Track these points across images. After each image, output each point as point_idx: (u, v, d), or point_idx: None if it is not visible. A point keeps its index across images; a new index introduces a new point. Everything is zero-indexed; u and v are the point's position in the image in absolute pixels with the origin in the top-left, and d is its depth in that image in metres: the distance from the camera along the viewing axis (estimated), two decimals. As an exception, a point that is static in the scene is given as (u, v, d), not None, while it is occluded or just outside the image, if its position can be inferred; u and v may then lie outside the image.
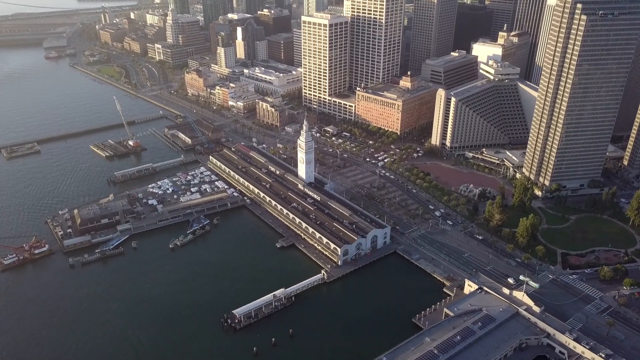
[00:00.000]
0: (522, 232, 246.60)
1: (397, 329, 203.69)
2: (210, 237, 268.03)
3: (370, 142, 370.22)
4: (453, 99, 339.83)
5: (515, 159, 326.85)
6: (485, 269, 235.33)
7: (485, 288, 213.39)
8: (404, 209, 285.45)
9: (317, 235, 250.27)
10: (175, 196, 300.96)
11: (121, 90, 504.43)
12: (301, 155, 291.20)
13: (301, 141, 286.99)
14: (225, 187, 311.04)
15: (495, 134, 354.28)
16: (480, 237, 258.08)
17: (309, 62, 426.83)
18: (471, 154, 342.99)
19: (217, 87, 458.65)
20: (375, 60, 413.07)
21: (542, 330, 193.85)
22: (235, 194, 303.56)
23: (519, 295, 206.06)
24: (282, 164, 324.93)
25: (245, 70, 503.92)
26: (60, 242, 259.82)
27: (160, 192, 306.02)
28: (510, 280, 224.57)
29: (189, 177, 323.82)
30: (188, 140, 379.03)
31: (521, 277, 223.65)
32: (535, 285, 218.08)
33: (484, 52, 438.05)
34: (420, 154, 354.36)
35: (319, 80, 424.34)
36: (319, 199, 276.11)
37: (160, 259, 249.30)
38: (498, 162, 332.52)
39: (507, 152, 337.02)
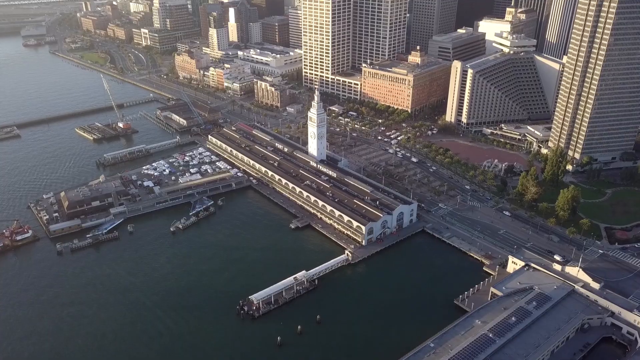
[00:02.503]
0: (562, 205, 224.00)
1: (439, 312, 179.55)
2: (215, 219, 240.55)
3: (380, 120, 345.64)
4: (470, 71, 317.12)
5: (539, 133, 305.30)
6: (525, 246, 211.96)
7: (533, 265, 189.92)
8: (426, 186, 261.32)
9: (337, 213, 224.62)
10: (173, 178, 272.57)
11: (107, 76, 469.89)
12: (312, 130, 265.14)
13: (312, 113, 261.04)
14: (228, 167, 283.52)
15: (514, 109, 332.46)
16: (508, 214, 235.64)
17: (309, 40, 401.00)
18: (489, 130, 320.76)
19: (211, 69, 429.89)
20: (380, 36, 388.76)
21: (605, 309, 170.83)
22: (239, 174, 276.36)
23: (573, 271, 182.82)
24: (289, 142, 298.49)
25: (240, 53, 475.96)
26: (45, 227, 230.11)
27: (156, 174, 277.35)
28: (557, 257, 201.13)
29: (186, 158, 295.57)
30: (183, 121, 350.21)
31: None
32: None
33: (491, 29, 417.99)
34: (434, 132, 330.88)
35: (321, 59, 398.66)
36: (334, 175, 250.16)
37: (161, 244, 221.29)
38: (520, 137, 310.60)
39: (529, 127, 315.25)
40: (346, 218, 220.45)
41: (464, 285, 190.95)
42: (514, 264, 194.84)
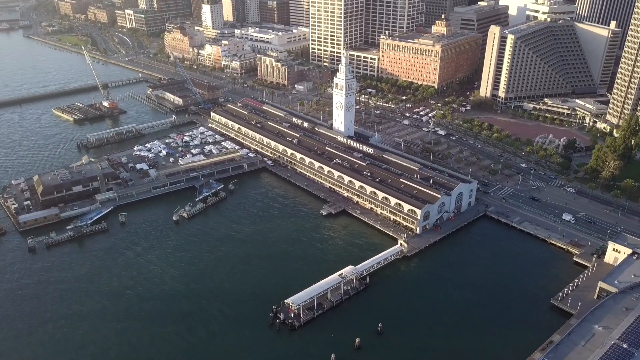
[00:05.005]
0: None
1: (534, 316, 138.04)
2: (226, 206, 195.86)
3: (404, 97, 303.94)
4: (510, 37, 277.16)
5: (590, 106, 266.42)
6: (615, 230, 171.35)
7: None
8: (476, 164, 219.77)
9: (381, 195, 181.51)
10: (171, 159, 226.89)
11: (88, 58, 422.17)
12: (338, 99, 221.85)
13: (339, 79, 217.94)
14: (236, 147, 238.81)
15: (558, 82, 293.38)
16: (573, 190, 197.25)
17: (318, 12, 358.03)
18: (531, 105, 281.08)
19: (207, 46, 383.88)
20: (398, 5, 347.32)
21: None
22: (250, 154, 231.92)
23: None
24: (307, 117, 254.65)
25: (237, 31, 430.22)
26: (13, 218, 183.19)
27: (151, 155, 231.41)
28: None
29: (186, 138, 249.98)
30: (178, 100, 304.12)
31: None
32: None
33: (515, 1, 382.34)
34: (467, 108, 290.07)
35: (331, 33, 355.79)
36: (370, 151, 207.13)
37: (162, 236, 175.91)
38: (569, 112, 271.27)
39: (577, 101, 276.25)
40: (393, 201, 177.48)
41: (556, 280, 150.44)
42: (615, 252, 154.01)
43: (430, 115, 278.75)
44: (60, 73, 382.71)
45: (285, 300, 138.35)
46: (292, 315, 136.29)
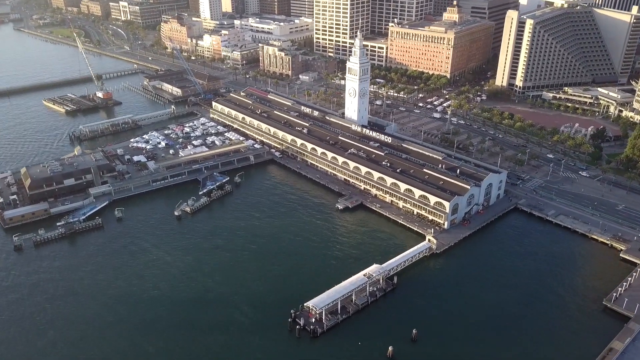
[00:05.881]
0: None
1: (587, 319, 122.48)
2: (232, 200, 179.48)
3: (415, 87, 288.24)
4: (529, 22, 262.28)
5: (615, 95, 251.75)
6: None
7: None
8: (499, 155, 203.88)
9: (404, 187, 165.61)
10: (171, 151, 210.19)
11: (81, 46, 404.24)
12: (352, 85, 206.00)
13: (352, 63, 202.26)
14: (241, 138, 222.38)
15: (578, 70, 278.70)
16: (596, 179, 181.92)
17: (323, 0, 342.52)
18: (551, 94, 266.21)
19: (206, 36, 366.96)
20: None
21: None
22: (257, 145, 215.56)
23: None
24: (315, 106, 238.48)
25: (236, 22, 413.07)
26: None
27: (149, 147, 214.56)
28: None
29: (186, 129, 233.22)
30: (177, 90, 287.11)
31: None
32: None
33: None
34: (483, 98, 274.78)
35: (337, 21, 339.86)
36: (389, 141, 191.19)
37: (163, 232, 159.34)
38: (591, 101, 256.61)
39: (600, 89, 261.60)
40: (418, 193, 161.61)
41: (604, 279, 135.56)
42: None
43: (444, 105, 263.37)
44: (52, 65, 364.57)
45: (305, 304, 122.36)
46: (314, 320, 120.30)
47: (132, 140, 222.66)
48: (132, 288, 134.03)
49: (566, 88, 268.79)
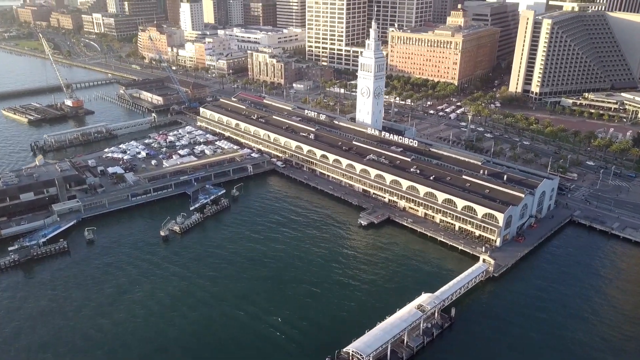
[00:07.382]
0: None
1: None
2: (230, 218, 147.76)
3: (420, 95, 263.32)
4: (546, 22, 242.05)
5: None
6: None
7: None
8: (534, 163, 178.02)
9: (442, 197, 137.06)
10: (153, 162, 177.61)
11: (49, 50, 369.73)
12: (365, 84, 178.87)
13: (366, 58, 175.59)
14: (234, 146, 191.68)
15: (596, 75, 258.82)
16: None
17: (316, 4, 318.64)
18: (570, 100, 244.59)
19: (189, 44, 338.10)
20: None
21: None
22: (254, 154, 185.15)
23: None
24: (319, 111, 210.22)
25: (220, 32, 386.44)
26: None
27: (127, 158, 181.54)
28: None
29: (170, 138, 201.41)
30: (158, 99, 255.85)
31: None
32: None
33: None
34: (497, 105, 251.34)
35: (331, 28, 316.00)
36: (415, 145, 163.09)
37: (145, 257, 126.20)
38: (616, 106, 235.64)
39: (624, 95, 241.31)
40: (461, 203, 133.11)
41: None
42: None
43: (458, 112, 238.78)
44: (16, 75, 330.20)
45: (344, 349, 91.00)
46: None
47: (106, 150, 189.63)
48: (104, 328, 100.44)
49: (586, 94, 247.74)
